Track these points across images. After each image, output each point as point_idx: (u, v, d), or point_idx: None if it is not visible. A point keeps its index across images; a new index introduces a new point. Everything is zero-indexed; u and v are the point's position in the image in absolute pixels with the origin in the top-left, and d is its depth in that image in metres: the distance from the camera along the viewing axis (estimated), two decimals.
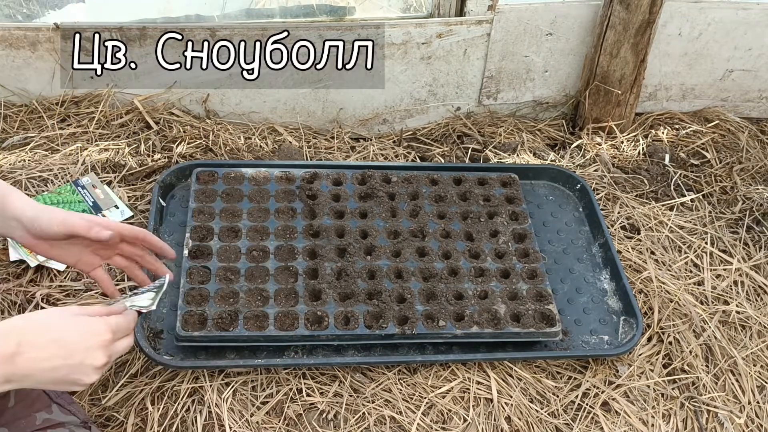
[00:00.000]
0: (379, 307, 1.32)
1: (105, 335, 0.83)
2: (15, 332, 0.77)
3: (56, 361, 0.79)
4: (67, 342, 0.80)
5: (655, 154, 1.85)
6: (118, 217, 1.48)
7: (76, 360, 0.80)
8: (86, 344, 0.81)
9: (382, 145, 1.82)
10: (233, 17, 1.75)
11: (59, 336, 0.79)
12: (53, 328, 0.80)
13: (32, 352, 0.77)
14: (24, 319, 0.80)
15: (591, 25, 1.80)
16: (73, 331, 0.81)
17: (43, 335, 0.78)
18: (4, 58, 1.63)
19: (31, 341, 0.77)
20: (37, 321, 0.80)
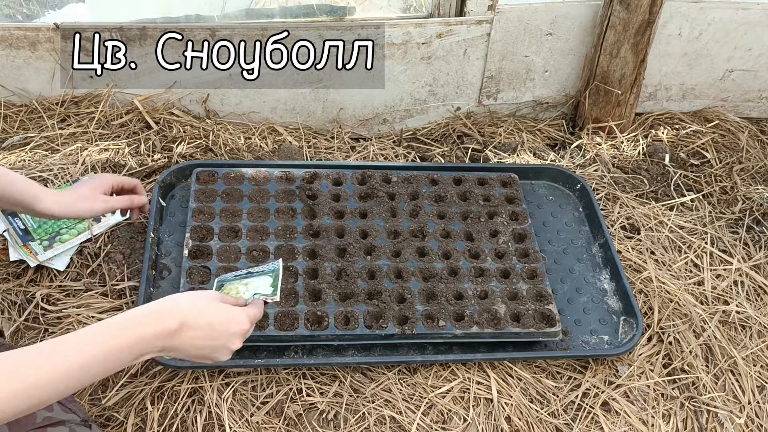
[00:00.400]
0: (379, 307, 1.32)
1: (245, 325, 0.95)
2: (179, 312, 0.88)
3: (205, 341, 0.90)
4: (216, 327, 0.91)
5: (655, 154, 1.85)
6: (117, 217, 1.48)
7: (220, 343, 0.92)
8: (230, 331, 0.93)
9: (382, 145, 1.82)
10: (233, 17, 1.75)
11: (212, 320, 0.90)
12: (207, 312, 0.91)
13: (190, 331, 0.88)
14: (185, 299, 0.91)
15: (591, 25, 1.80)
16: (223, 317, 0.92)
17: (200, 318, 0.89)
18: (4, 58, 1.63)
19: (191, 322, 0.88)
20: (196, 304, 0.91)
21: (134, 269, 1.40)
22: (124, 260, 1.42)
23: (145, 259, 1.35)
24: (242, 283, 1.09)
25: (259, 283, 1.08)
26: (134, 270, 1.40)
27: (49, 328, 1.30)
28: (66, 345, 0.79)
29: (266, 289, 1.06)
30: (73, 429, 0.96)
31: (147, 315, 0.86)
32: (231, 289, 1.07)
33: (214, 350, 0.92)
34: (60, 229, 1.43)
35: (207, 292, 0.96)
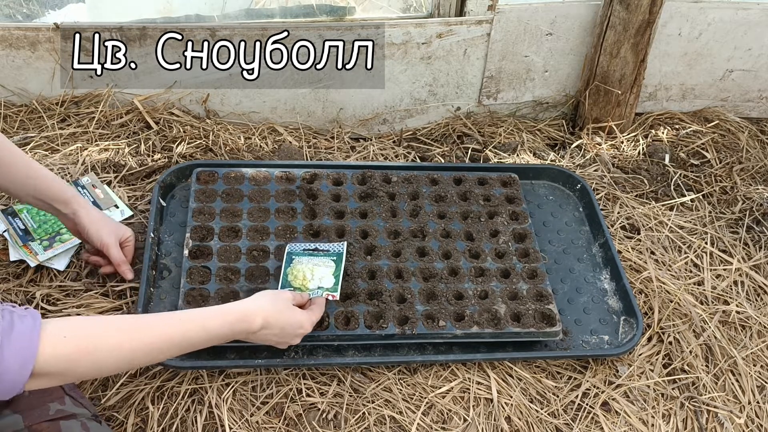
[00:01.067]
0: (380, 307, 1.32)
1: (307, 328, 1.13)
2: (263, 314, 1.04)
3: (274, 338, 1.09)
4: (285, 329, 1.09)
5: (655, 154, 1.86)
6: (118, 217, 1.48)
7: (284, 340, 1.11)
8: (295, 332, 1.11)
9: (382, 145, 1.82)
10: (233, 17, 1.75)
11: (285, 325, 1.08)
12: (283, 317, 1.08)
13: (266, 330, 1.06)
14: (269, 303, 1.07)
15: (591, 25, 1.80)
16: (293, 322, 1.10)
17: (277, 322, 1.07)
18: (4, 58, 1.63)
19: (269, 324, 1.05)
20: (275, 309, 1.07)
21: (134, 269, 1.40)
22: None
23: (145, 259, 1.35)
24: (308, 266, 1.27)
25: (323, 272, 1.26)
26: (134, 270, 1.40)
27: None
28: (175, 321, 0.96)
29: (328, 280, 1.25)
30: (84, 423, 0.97)
31: (240, 315, 1.02)
32: (299, 271, 1.26)
33: (278, 344, 1.12)
34: (60, 229, 1.42)
35: (284, 295, 1.12)
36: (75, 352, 0.83)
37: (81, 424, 0.97)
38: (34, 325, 0.80)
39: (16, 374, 0.78)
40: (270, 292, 1.11)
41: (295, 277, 1.25)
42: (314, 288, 1.22)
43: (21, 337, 0.78)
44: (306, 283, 1.23)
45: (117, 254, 1.30)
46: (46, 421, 0.95)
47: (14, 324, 0.79)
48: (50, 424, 0.94)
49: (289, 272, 1.27)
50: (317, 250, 1.32)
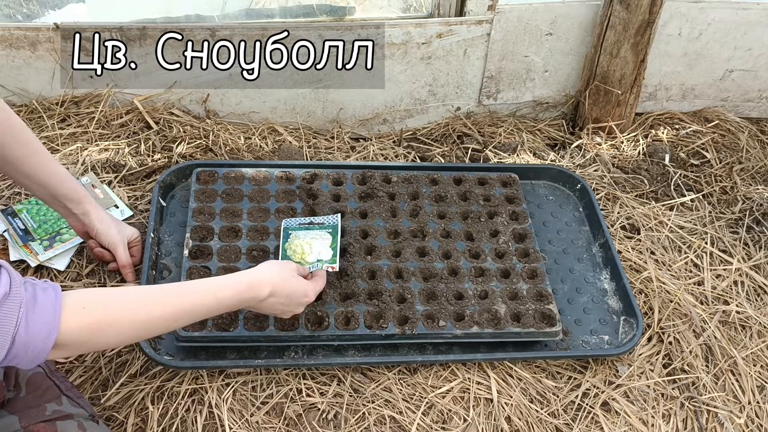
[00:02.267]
0: (380, 307, 1.32)
1: (311, 297, 1.16)
2: (271, 283, 1.06)
3: (280, 307, 1.11)
4: (292, 298, 1.11)
5: (655, 154, 1.86)
6: (117, 217, 1.48)
7: (289, 309, 1.13)
8: (299, 301, 1.14)
9: (382, 145, 1.82)
10: (233, 17, 1.75)
11: (291, 292, 1.11)
12: (289, 285, 1.10)
13: (273, 298, 1.07)
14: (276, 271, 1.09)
15: (591, 25, 1.80)
16: (299, 290, 1.13)
17: (284, 289, 1.09)
18: (4, 58, 1.63)
19: (277, 292, 1.07)
20: (282, 277, 1.09)
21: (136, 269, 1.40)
22: None
23: (145, 259, 1.35)
24: (306, 240, 1.29)
25: (320, 245, 1.28)
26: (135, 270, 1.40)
27: None
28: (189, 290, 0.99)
29: (326, 253, 1.27)
30: (81, 423, 0.97)
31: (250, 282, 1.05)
32: (297, 246, 1.28)
33: (283, 312, 1.14)
34: (60, 229, 1.43)
35: (289, 265, 1.14)
36: (96, 323, 0.85)
37: (78, 425, 0.96)
38: (56, 297, 0.82)
39: (41, 345, 0.80)
40: (276, 262, 1.13)
41: (294, 252, 1.28)
42: (313, 261, 1.25)
43: (44, 309, 0.80)
44: (305, 257, 1.26)
45: (124, 256, 1.33)
46: (43, 422, 0.94)
47: (37, 296, 0.81)
48: (47, 424, 0.94)
49: (287, 247, 1.30)
50: (312, 224, 1.35)
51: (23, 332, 0.78)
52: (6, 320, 0.77)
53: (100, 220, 1.30)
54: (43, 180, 1.20)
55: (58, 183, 1.22)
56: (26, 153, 1.16)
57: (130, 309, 0.90)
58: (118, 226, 1.34)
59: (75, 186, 1.26)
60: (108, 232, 1.31)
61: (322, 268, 1.23)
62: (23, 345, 0.78)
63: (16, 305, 0.78)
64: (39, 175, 1.19)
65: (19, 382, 1.00)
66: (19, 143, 1.15)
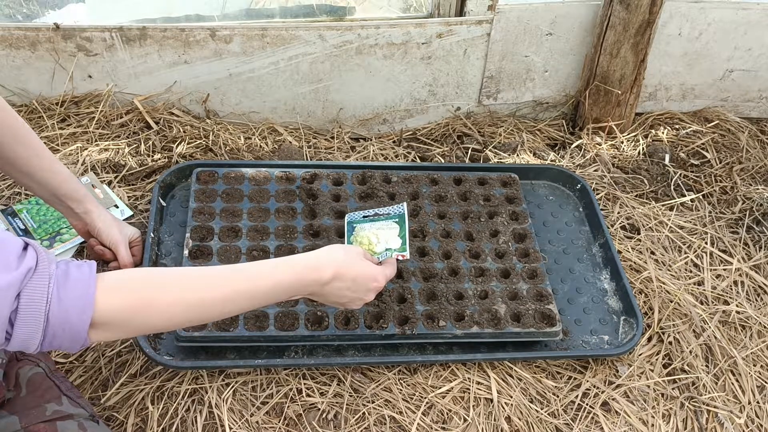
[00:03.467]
0: (380, 307, 1.32)
1: (381, 283, 1.07)
2: (334, 264, 0.98)
3: (347, 293, 1.02)
4: (359, 282, 1.02)
5: (655, 154, 1.86)
6: (118, 217, 1.48)
7: (358, 295, 1.04)
8: (368, 287, 1.05)
9: (382, 145, 1.82)
10: (233, 17, 1.75)
11: (357, 275, 1.02)
12: (355, 268, 1.01)
13: (338, 282, 0.99)
14: (341, 253, 1.01)
15: (591, 25, 1.80)
16: (366, 274, 1.04)
17: (349, 272, 1.00)
18: (4, 58, 1.63)
19: (341, 275, 0.99)
20: (348, 259, 1.01)
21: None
22: None
23: (145, 259, 1.35)
24: (373, 230, 1.19)
25: (388, 234, 1.18)
26: None
27: None
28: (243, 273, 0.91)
29: (395, 242, 1.17)
30: (82, 423, 0.96)
31: (309, 262, 0.97)
32: (363, 237, 1.19)
33: (351, 300, 1.04)
34: (60, 228, 1.43)
35: (355, 248, 1.07)
36: (137, 301, 0.81)
37: (78, 425, 0.96)
38: (91, 272, 0.78)
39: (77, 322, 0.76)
40: (340, 245, 1.05)
41: (360, 243, 1.18)
42: (382, 251, 1.16)
43: (77, 284, 0.76)
44: (373, 248, 1.16)
45: (125, 255, 1.32)
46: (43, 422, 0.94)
47: (69, 272, 0.77)
48: (47, 425, 0.94)
49: (353, 240, 1.21)
50: (378, 215, 1.25)
51: (56, 308, 0.74)
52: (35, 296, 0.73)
53: (101, 219, 1.29)
54: (45, 179, 1.20)
55: (60, 182, 1.22)
56: (27, 152, 1.15)
57: (176, 289, 0.85)
58: (119, 225, 1.34)
59: (77, 185, 1.25)
60: (109, 231, 1.30)
61: (391, 257, 1.14)
62: (59, 323, 0.74)
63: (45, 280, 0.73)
64: (40, 174, 1.19)
65: (20, 382, 1.00)
66: (19, 142, 1.14)
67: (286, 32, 1.65)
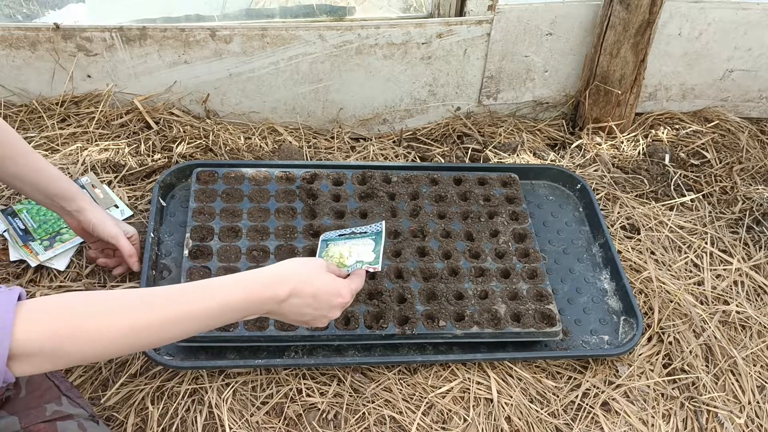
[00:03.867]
0: (380, 308, 1.32)
1: (346, 298, 0.99)
2: (291, 280, 0.92)
3: (307, 310, 0.95)
4: (321, 298, 0.95)
5: (655, 154, 1.86)
6: (117, 217, 1.48)
7: (321, 313, 0.97)
8: (332, 303, 0.97)
9: (382, 145, 1.82)
10: (233, 17, 1.75)
11: (317, 291, 0.95)
12: (315, 282, 0.95)
13: (296, 299, 0.92)
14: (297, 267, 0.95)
15: (591, 25, 1.80)
16: (328, 289, 0.96)
17: (308, 287, 0.93)
18: (4, 58, 1.63)
19: (299, 290, 0.92)
20: (306, 273, 0.95)
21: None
22: None
23: (145, 259, 1.35)
24: (346, 246, 1.14)
25: (361, 249, 1.12)
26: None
27: None
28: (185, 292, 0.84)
29: (368, 255, 1.10)
30: (82, 424, 0.96)
31: (262, 279, 0.90)
32: (335, 252, 1.13)
33: (314, 318, 0.97)
34: (60, 228, 1.43)
35: (316, 260, 0.99)
36: (62, 329, 0.73)
37: (78, 425, 0.96)
38: (10, 299, 0.71)
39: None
40: (299, 258, 0.98)
41: (331, 257, 1.12)
42: (352, 263, 1.09)
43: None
44: (343, 261, 1.10)
45: (126, 245, 1.30)
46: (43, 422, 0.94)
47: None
48: (47, 425, 0.94)
49: (324, 254, 1.15)
50: (354, 233, 1.20)
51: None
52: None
53: (95, 216, 1.27)
54: (33, 179, 1.18)
55: (50, 182, 1.19)
56: (10, 153, 1.13)
57: (108, 314, 0.77)
58: (114, 220, 1.32)
59: (67, 184, 1.23)
60: (104, 224, 1.27)
61: (361, 268, 1.07)
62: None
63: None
64: (28, 175, 1.17)
65: (19, 383, 1.00)
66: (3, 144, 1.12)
67: (286, 32, 1.65)
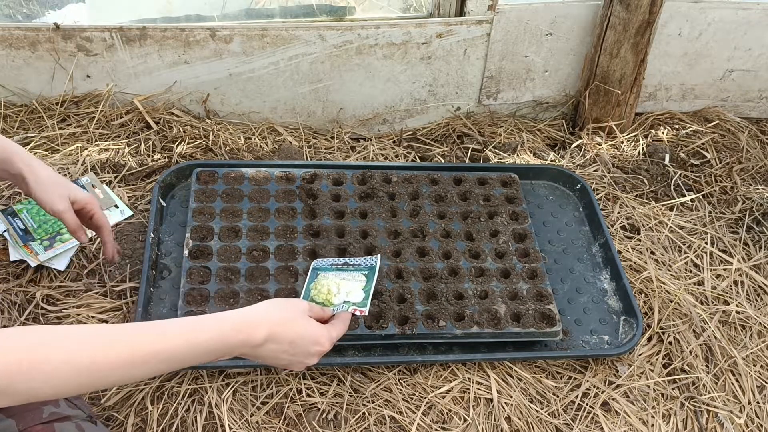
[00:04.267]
0: (380, 307, 1.32)
1: (325, 346, 0.97)
2: (267, 324, 0.89)
3: (284, 356, 0.93)
4: (298, 345, 0.93)
5: (655, 154, 1.86)
6: (118, 217, 1.48)
7: (298, 359, 0.95)
8: (310, 350, 0.95)
9: (382, 145, 1.82)
10: (233, 17, 1.75)
11: (295, 338, 0.92)
12: (293, 329, 0.92)
13: (273, 344, 0.90)
14: (276, 312, 0.92)
15: (591, 25, 1.80)
16: (306, 336, 0.94)
17: (286, 334, 0.91)
18: (4, 58, 1.63)
19: (276, 336, 0.90)
20: (285, 319, 0.92)
21: (134, 269, 1.40)
22: (125, 260, 1.42)
23: (146, 259, 1.35)
24: (336, 280, 1.12)
25: (351, 286, 1.11)
26: (134, 270, 1.40)
27: None
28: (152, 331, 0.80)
29: (357, 295, 1.09)
30: (79, 425, 0.96)
31: (237, 323, 0.87)
32: (323, 286, 1.12)
33: (290, 363, 0.96)
34: (60, 228, 1.43)
35: (297, 304, 0.97)
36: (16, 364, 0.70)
37: (76, 426, 0.96)
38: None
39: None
40: (281, 300, 0.96)
41: (319, 291, 1.11)
42: (339, 303, 1.07)
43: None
44: (330, 298, 1.09)
45: (72, 220, 1.15)
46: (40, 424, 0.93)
47: None
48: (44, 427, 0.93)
49: (313, 287, 1.13)
50: (347, 265, 1.18)
51: None
52: None
53: (37, 183, 1.11)
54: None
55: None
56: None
57: (65, 349, 0.72)
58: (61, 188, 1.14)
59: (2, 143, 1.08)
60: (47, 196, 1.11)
61: (347, 310, 1.05)
62: None
63: None
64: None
65: None
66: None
67: (286, 32, 1.65)
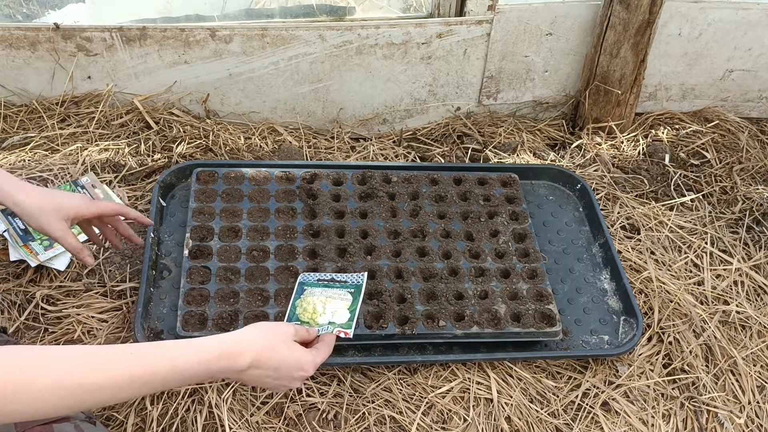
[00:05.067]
0: (380, 307, 1.32)
1: (309, 372, 0.98)
2: (252, 351, 0.90)
3: (268, 380, 0.94)
4: (282, 371, 0.94)
5: (655, 154, 1.86)
6: None
7: (281, 383, 0.96)
8: (293, 375, 0.96)
9: (382, 145, 1.82)
10: (233, 17, 1.75)
11: (279, 364, 0.93)
12: (277, 356, 0.93)
13: (257, 370, 0.91)
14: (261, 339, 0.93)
15: (591, 25, 1.80)
16: (290, 362, 0.95)
17: (270, 361, 0.92)
18: (4, 58, 1.63)
19: (260, 362, 0.91)
20: (269, 346, 0.93)
21: (134, 269, 1.40)
22: (125, 260, 1.42)
23: (145, 259, 1.35)
24: (322, 297, 1.14)
25: (337, 306, 1.13)
26: (134, 270, 1.40)
27: (49, 327, 1.30)
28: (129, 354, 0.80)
29: (342, 315, 1.11)
30: (78, 425, 0.96)
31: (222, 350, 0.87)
32: (309, 304, 1.14)
33: (274, 387, 0.97)
34: None
35: (283, 329, 0.97)
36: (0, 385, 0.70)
37: (75, 426, 0.96)
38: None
39: None
40: (266, 325, 0.97)
41: (305, 310, 1.13)
42: (324, 323, 1.10)
43: None
44: (316, 317, 1.11)
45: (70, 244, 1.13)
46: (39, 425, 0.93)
47: None
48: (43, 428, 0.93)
49: (299, 304, 1.16)
50: (333, 281, 1.20)
51: None
52: None
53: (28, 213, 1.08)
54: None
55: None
56: None
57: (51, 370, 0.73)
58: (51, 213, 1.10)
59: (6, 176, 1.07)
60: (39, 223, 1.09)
61: (332, 332, 1.06)
62: None
63: None
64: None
65: None
66: None
67: (286, 32, 1.65)
